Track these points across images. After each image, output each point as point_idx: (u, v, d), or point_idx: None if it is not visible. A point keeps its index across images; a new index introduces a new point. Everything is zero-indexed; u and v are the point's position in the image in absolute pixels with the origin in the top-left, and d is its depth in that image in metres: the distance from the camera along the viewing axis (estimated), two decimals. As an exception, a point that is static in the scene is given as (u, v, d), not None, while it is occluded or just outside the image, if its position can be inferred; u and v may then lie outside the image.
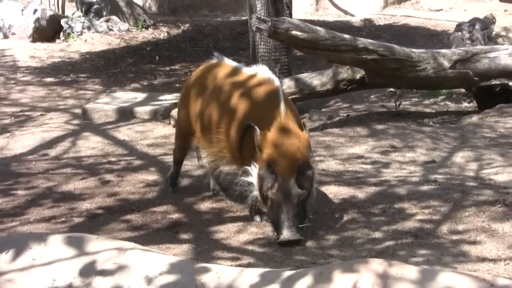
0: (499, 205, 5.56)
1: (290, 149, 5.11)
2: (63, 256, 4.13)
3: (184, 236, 5.35)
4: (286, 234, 5.01)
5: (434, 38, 14.79)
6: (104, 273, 4.00)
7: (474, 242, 4.97)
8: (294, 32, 7.98)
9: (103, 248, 4.17)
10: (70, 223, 5.68)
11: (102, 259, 4.07)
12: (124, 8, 16.63)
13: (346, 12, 18.88)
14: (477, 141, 7.85)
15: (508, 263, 4.59)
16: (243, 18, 15.91)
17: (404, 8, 18.96)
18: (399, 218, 5.49)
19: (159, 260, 4.07)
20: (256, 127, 5.14)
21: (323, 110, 9.56)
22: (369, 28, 16.16)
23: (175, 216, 5.80)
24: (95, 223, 5.68)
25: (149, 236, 5.34)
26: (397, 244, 5.00)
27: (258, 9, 9.52)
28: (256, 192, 5.26)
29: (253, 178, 5.24)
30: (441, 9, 18.55)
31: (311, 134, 8.27)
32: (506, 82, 9.38)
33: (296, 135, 5.17)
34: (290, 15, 9.66)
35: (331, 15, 18.84)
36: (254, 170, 5.22)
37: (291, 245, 5.02)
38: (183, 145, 6.38)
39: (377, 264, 3.71)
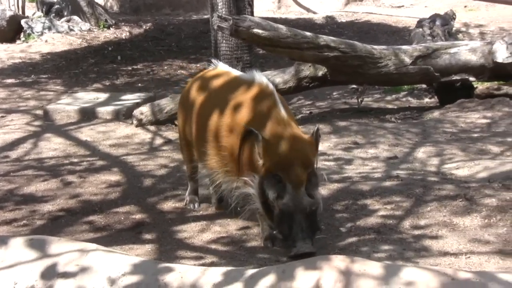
0: (460, 200, 5.59)
1: (299, 155, 4.75)
2: (25, 259, 4.10)
3: (147, 236, 5.32)
4: (302, 246, 4.60)
5: (396, 35, 14.89)
6: (66, 275, 3.97)
7: (435, 237, 5.00)
8: (255, 30, 7.99)
9: (65, 250, 4.15)
10: (31, 226, 5.62)
11: (64, 261, 4.04)
12: (85, 8, 16.54)
13: (308, 10, 18.95)
14: (438, 136, 7.91)
15: (469, 257, 4.62)
16: (205, 16, 15.89)
17: (366, 5, 19.09)
18: (361, 214, 5.50)
19: (122, 261, 4.06)
20: (258, 133, 4.76)
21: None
22: (331, 25, 16.23)
23: (138, 216, 5.76)
24: (57, 225, 5.63)
25: (112, 237, 5.30)
26: (360, 240, 5.02)
27: (219, 7, 9.51)
28: (257, 204, 4.91)
29: (254, 189, 4.86)
30: (402, 6, 18.69)
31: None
32: (467, 77, 9.48)
33: (302, 141, 4.84)
34: (252, 13, 9.66)
35: (294, 12, 18.90)
36: (255, 180, 4.84)
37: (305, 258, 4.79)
38: (189, 158, 5.90)
39: (340, 261, 3.73)
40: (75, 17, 16.33)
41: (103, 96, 10.01)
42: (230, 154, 5.06)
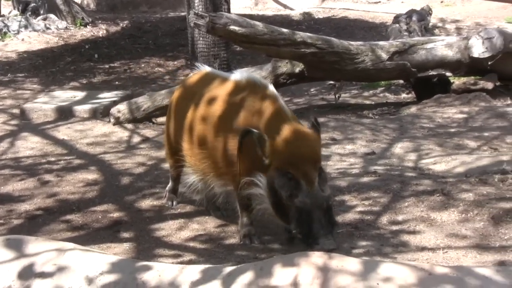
0: (438, 195, 5.61)
1: (308, 151, 4.65)
2: (1, 259, 4.08)
3: (125, 234, 5.30)
4: (325, 243, 4.48)
5: (373, 31, 14.93)
6: (43, 275, 3.96)
7: (413, 232, 5.01)
8: (232, 27, 7.99)
9: (42, 249, 4.13)
10: (8, 225, 5.59)
11: (41, 261, 4.03)
12: (62, 6, 16.46)
13: (285, 6, 18.96)
14: (415, 131, 7.94)
15: (446, 252, 4.64)
16: (182, 14, 15.87)
17: (343, 1, 19.12)
18: (339, 210, 5.50)
19: (100, 260, 4.05)
20: (259, 132, 4.65)
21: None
22: (308, 21, 16.24)
23: (116, 215, 5.74)
24: (35, 224, 5.60)
25: (90, 236, 5.28)
26: (338, 236, 5.03)
27: (196, 4, 9.53)
28: (266, 204, 4.75)
29: (262, 189, 4.71)
30: (379, 1, 18.76)
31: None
32: (443, 72, 9.52)
33: (308, 135, 4.73)
34: (229, 10, 9.68)
35: (271, 9, 18.91)
36: (262, 180, 4.69)
37: None
38: (176, 163, 5.64)
39: (317, 257, 3.74)
40: (52, 16, 16.26)
41: (80, 94, 9.96)
42: (229, 156, 4.90)
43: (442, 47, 9.48)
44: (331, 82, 10.36)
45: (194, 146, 5.22)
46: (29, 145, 7.89)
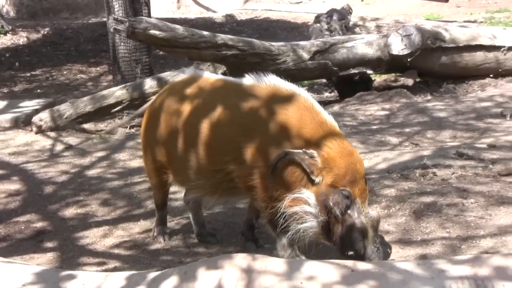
0: (361, 191, 5.66)
1: (362, 167, 4.34)
2: None
3: (49, 244, 5.25)
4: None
5: (295, 31, 15.02)
6: (-36, 289, 3.89)
7: (337, 229, 5.04)
8: (152, 32, 7.97)
9: (-38, 263, 4.06)
10: None
11: (-39, 275, 3.96)
12: (-20, 14, 16.20)
13: (208, 9, 18.95)
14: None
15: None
16: (104, 19, 15.69)
17: (265, 2, 19.18)
18: (264, 211, 5.52)
19: (22, 271, 3.99)
20: (303, 151, 4.27)
21: (187, 108, 9.55)
22: (231, 23, 16.26)
23: (39, 224, 5.68)
24: (-45, 238, 5.51)
25: (12, 247, 5.21)
26: (262, 238, 5.05)
27: (116, 9, 9.46)
28: (312, 223, 4.34)
29: (311, 207, 4.31)
30: (301, 2, 18.87)
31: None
32: (364, 70, 9.65)
33: (355, 150, 4.42)
34: (149, 14, 9.63)
35: (193, 12, 18.88)
36: (311, 198, 4.31)
37: None
38: (162, 182, 5.15)
39: (241, 259, 3.74)
40: (-30, 24, 15.99)
41: (1, 103, 9.79)
42: (258, 172, 4.47)
43: (363, 45, 9.61)
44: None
45: (205, 160, 4.66)
46: (-51, 157, 7.75)
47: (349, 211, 4.24)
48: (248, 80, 4.70)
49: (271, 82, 4.61)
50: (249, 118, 4.51)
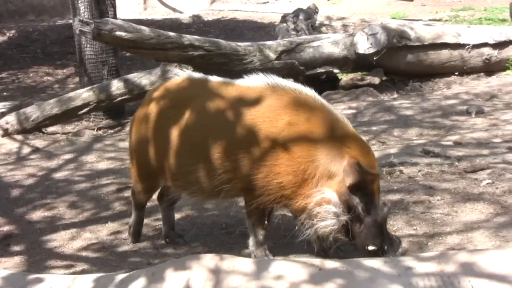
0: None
1: (376, 164, 4.42)
2: None
3: (16, 248, 5.21)
4: (395, 250, 4.39)
5: (262, 31, 15.03)
6: None
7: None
8: (118, 33, 7.95)
9: None
10: None
11: None
12: None
13: (174, 10, 18.91)
14: (306, 129, 8.01)
15: (338, 247, 4.70)
16: (70, 21, 15.61)
17: (232, 3, 19.18)
18: (232, 210, 5.50)
19: (-11, 275, 3.97)
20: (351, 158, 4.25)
21: (155, 109, 9.52)
22: (198, 24, 16.24)
23: (6, 228, 5.64)
24: None
25: (-21, 252, 5.18)
26: (230, 238, 5.06)
27: (81, 11, 9.42)
28: (334, 221, 4.34)
29: (335, 207, 4.32)
30: (268, 2, 18.89)
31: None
32: (331, 69, 9.69)
33: (368, 147, 4.47)
34: (115, 16, 9.59)
35: (160, 13, 18.83)
36: (334, 197, 4.32)
37: None
38: (152, 185, 5.01)
39: (209, 260, 3.75)
40: None
41: (-34, 107, 9.73)
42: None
43: (329, 44, 9.65)
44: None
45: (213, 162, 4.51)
46: None
47: (370, 208, 4.32)
48: (249, 81, 4.66)
49: (273, 82, 4.55)
50: (259, 120, 4.42)
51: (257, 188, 4.42)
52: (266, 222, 4.58)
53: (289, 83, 4.59)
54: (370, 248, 4.36)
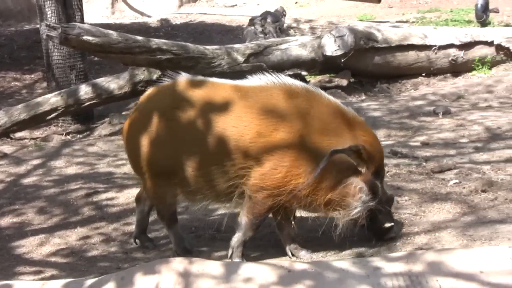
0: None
1: (382, 148, 4.68)
2: None
3: (-16, 254, 5.19)
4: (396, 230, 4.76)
5: (230, 34, 15.03)
6: None
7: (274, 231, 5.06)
8: (85, 38, 7.93)
9: None
10: None
11: None
12: None
13: (142, 14, 18.83)
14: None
15: (311, 247, 4.73)
16: (38, 26, 15.54)
17: (199, 6, 19.15)
18: (201, 214, 5.52)
19: (-44, 282, 3.96)
20: (354, 144, 4.38)
21: (123, 113, 9.51)
22: (166, 28, 16.21)
23: (-26, 235, 5.62)
24: None
25: None
26: (199, 241, 5.06)
27: (48, 16, 9.38)
28: (360, 209, 4.49)
29: (364, 195, 4.48)
30: (236, 5, 18.88)
31: (111, 138, 8.29)
32: (299, 71, 9.72)
33: (374, 134, 4.71)
34: (82, 20, 9.55)
35: (128, 17, 18.74)
36: (362, 187, 4.48)
37: None
38: (171, 196, 4.80)
39: (178, 263, 3.76)
40: None
41: None
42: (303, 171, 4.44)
43: (296, 47, 9.68)
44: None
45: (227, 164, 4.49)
46: None
47: (383, 194, 4.61)
48: (258, 80, 4.66)
49: (283, 81, 4.59)
50: (275, 118, 4.46)
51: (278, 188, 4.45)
52: (258, 227, 4.65)
53: (296, 81, 4.66)
54: (387, 225, 4.67)
